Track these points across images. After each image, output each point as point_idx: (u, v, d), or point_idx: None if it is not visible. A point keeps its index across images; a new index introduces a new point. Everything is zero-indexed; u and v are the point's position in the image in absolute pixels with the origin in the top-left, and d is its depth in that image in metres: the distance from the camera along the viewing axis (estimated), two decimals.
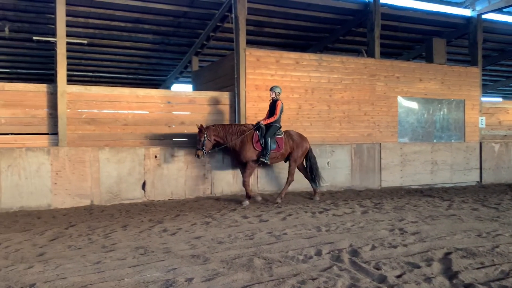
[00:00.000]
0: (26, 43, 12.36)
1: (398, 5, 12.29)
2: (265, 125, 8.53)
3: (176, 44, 13.33)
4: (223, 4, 10.57)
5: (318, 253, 4.74)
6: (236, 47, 9.79)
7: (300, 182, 9.56)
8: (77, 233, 5.90)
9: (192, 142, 8.90)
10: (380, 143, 11.10)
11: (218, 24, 11.23)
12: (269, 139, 8.44)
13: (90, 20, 11.17)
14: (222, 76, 10.80)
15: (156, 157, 8.77)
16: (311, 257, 4.60)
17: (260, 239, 5.46)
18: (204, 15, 11.36)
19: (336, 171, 10.46)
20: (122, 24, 11.56)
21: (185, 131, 9.38)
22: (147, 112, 9.08)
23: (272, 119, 8.56)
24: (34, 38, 10.95)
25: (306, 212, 7.45)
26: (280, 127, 8.75)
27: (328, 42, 13.64)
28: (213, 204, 8.50)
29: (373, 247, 4.99)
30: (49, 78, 14.99)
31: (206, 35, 12.03)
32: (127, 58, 14.30)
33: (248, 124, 8.90)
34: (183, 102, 9.47)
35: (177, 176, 8.95)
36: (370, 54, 11.44)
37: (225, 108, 9.84)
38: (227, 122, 9.77)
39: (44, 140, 8.22)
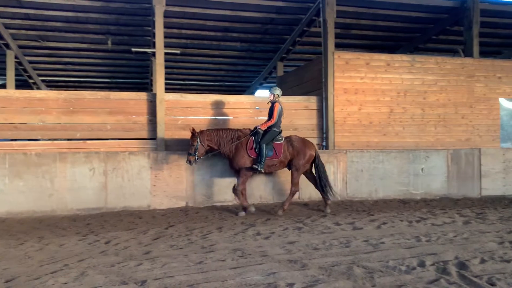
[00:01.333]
0: (125, 55, 13.36)
1: (499, 0, 11.37)
2: (263, 130, 7.97)
3: (262, 51, 13.57)
4: (310, 9, 10.55)
5: (421, 264, 4.49)
6: (324, 50, 9.71)
7: (392, 189, 9.18)
8: (176, 233, 6.19)
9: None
10: (480, 149, 10.30)
11: (305, 28, 11.24)
12: (264, 145, 7.85)
13: (183, 31, 11.77)
14: (308, 80, 10.76)
15: None
16: (414, 268, 4.37)
17: (356, 247, 5.32)
18: (291, 21, 11.42)
19: (431, 178, 9.89)
20: (212, 33, 12.02)
21: None
22: (237, 117, 9.31)
23: (269, 123, 7.98)
24: (133, 49, 11.80)
25: (401, 220, 7.12)
26: (280, 132, 8.10)
27: (419, 43, 13.02)
28: (302, 209, 8.47)
29: (483, 261, 4.61)
30: (144, 87, 16.08)
31: (292, 40, 12.10)
32: (215, 66, 14.85)
33: (246, 129, 8.24)
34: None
35: (266, 180, 9.06)
36: (468, 54, 10.72)
37: (313, 113, 9.78)
38: (315, 126, 9.72)
39: (144, 145, 8.78)
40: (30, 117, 8.33)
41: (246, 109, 9.40)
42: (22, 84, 14.00)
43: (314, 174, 8.34)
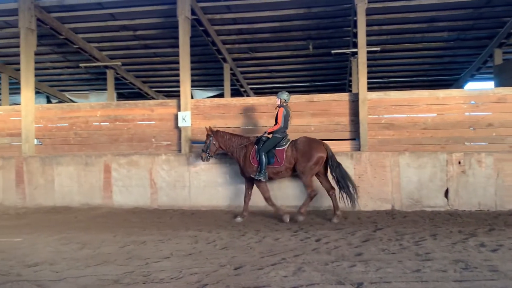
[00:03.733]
0: (324, 58, 13.67)
1: None
2: (268, 134, 7.66)
3: (474, 38, 12.07)
4: None
5: None
6: None
7: None
8: (386, 237, 5.94)
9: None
10: None
11: None
12: (263, 153, 7.46)
13: (384, 27, 11.36)
14: None
15: (459, 163, 8.06)
16: None
17: None
18: None
19: None
20: (415, 25, 11.27)
21: (493, 134, 8.27)
22: (449, 114, 8.46)
23: (274, 128, 7.60)
24: (333, 51, 11.97)
25: None
26: (283, 137, 7.64)
27: None
28: None
29: None
30: (341, 88, 16.16)
31: None
32: (417, 60, 13.90)
33: (253, 137, 8.03)
34: (490, 101, 8.37)
35: (486, 185, 7.97)
36: None
37: None
38: None
39: (347, 145, 8.78)
40: (245, 120, 9.23)
41: (458, 104, 8.46)
42: (234, 93, 15.75)
43: (331, 176, 7.51)
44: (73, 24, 11.48)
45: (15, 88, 15.32)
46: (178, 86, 9.49)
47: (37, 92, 14.30)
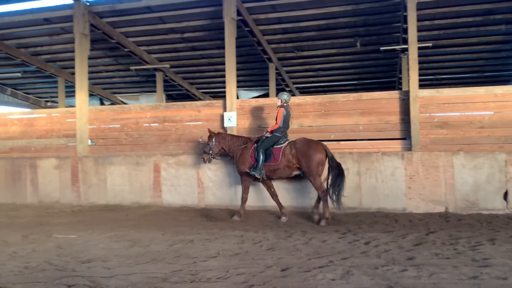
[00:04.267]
0: (372, 55, 13.32)
1: None
2: (269, 134, 7.90)
3: None
4: None
5: None
6: None
7: None
8: (439, 241, 5.67)
9: None
10: None
11: None
12: (260, 150, 7.64)
13: (436, 22, 10.89)
14: None
15: None
16: None
17: None
18: None
19: None
20: (470, 19, 10.71)
21: None
22: (508, 112, 7.97)
23: (273, 127, 7.85)
24: (381, 48, 11.64)
25: None
26: (282, 137, 7.80)
27: None
28: None
29: None
30: (390, 86, 15.69)
31: None
32: (472, 55, 13.21)
33: (254, 138, 8.30)
34: None
35: None
36: None
37: None
38: None
39: (397, 145, 8.50)
40: (291, 120, 9.12)
41: None
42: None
43: (328, 175, 7.48)
44: (124, 28, 11.88)
45: (70, 91, 16.08)
46: (224, 87, 9.57)
47: (90, 95, 14.93)
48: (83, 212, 9.08)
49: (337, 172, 7.39)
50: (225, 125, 9.29)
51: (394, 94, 8.68)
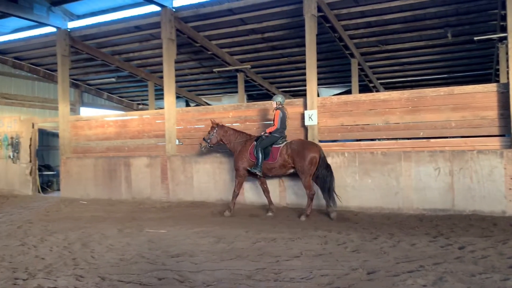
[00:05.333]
0: (465, 46, 12.41)
1: None
2: (266, 136, 8.33)
3: None
4: None
5: None
6: None
7: None
8: None
9: None
10: None
11: None
12: (260, 149, 8.15)
13: None
14: None
15: None
16: None
17: None
18: None
19: None
20: None
21: None
22: None
23: (272, 129, 8.31)
24: (475, 38, 10.77)
25: None
26: (281, 137, 8.30)
27: None
28: None
29: None
30: (486, 78, 14.48)
31: None
32: None
33: (254, 136, 8.78)
34: None
35: None
36: None
37: None
38: None
39: (495, 142, 7.78)
40: (375, 118, 8.80)
41: None
42: (363, 89, 15.18)
43: (316, 175, 7.93)
44: (207, 31, 12.28)
45: (159, 94, 17.03)
46: (304, 85, 9.46)
47: (177, 97, 15.63)
48: (171, 208, 9.55)
49: (326, 172, 7.86)
50: (306, 123, 9.19)
51: (491, 87, 7.95)
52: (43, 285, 4.16)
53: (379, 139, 9.20)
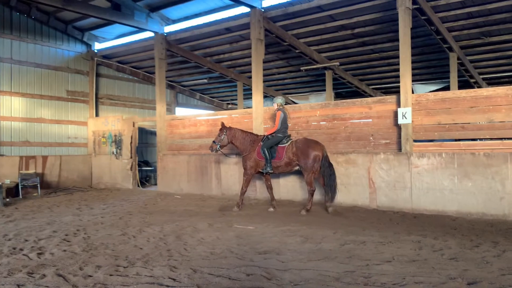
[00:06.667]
0: None
1: None
2: (269, 135, 8.79)
3: None
4: None
5: None
6: None
7: None
8: None
9: None
10: None
11: None
12: (266, 149, 8.60)
13: None
14: None
15: None
16: None
17: None
18: None
19: None
20: None
21: None
22: None
23: (273, 130, 8.81)
24: None
25: None
26: (285, 137, 8.76)
27: None
28: None
29: None
30: None
31: None
32: None
33: (260, 136, 9.20)
34: None
35: None
36: None
37: None
38: None
39: None
40: (477, 116, 8.11)
41: None
42: (462, 85, 14.07)
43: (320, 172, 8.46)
44: (295, 30, 12.25)
45: (247, 93, 17.41)
46: (397, 82, 9.04)
47: (264, 96, 15.86)
48: (259, 206, 9.69)
49: (329, 171, 8.43)
50: (399, 122, 8.75)
51: None
52: (141, 273, 4.44)
53: (481, 139, 8.46)
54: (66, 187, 14.10)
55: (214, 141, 9.37)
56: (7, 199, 10.91)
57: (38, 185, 12.37)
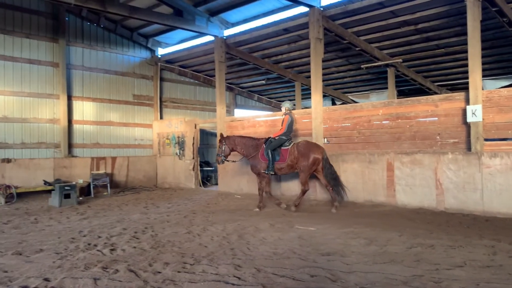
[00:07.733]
0: None
1: None
2: (274, 138, 9.18)
3: None
4: None
5: None
6: None
7: None
8: None
9: None
10: None
11: None
12: (269, 151, 9.02)
13: None
14: None
15: None
16: None
17: None
18: None
19: None
20: None
21: None
22: None
23: (279, 132, 9.21)
24: None
25: None
26: (288, 139, 9.22)
27: None
28: None
29: None
30: None
31: None
32: None
33: (262, 138, 9.63)
34: None
35: None
36: None
37: None
38: None
39: None
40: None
41: None
42: None
43: (323, 175, 8.99)
44: (356, 27, 12.01)
45: (304, 93, 17.31)
46: (464, 78, 8.62)
47: (323, 96, 15.68)
48: (319, 207, 9.60)
49: (330, 172, 8.99)
50: (468, 120, 8.30)
51: None
52: (207, 271, 4.57)
53: None
54: (133, 187, 14.81)
55: (217, 154, 9.83)
56: (80, 198, 11.67)
57: (108, 184, 13.11)
